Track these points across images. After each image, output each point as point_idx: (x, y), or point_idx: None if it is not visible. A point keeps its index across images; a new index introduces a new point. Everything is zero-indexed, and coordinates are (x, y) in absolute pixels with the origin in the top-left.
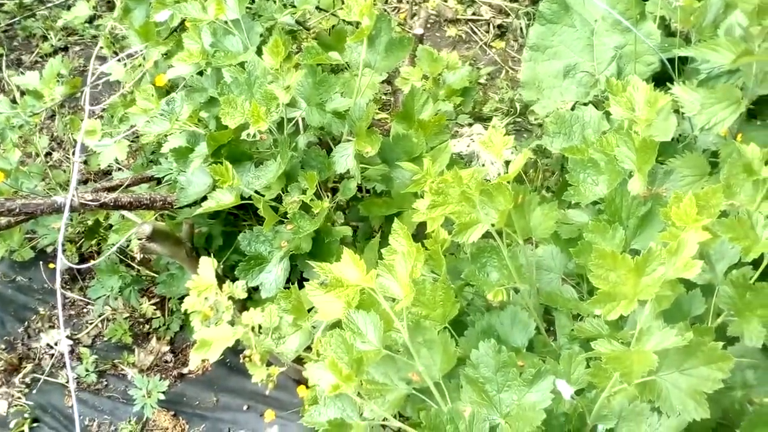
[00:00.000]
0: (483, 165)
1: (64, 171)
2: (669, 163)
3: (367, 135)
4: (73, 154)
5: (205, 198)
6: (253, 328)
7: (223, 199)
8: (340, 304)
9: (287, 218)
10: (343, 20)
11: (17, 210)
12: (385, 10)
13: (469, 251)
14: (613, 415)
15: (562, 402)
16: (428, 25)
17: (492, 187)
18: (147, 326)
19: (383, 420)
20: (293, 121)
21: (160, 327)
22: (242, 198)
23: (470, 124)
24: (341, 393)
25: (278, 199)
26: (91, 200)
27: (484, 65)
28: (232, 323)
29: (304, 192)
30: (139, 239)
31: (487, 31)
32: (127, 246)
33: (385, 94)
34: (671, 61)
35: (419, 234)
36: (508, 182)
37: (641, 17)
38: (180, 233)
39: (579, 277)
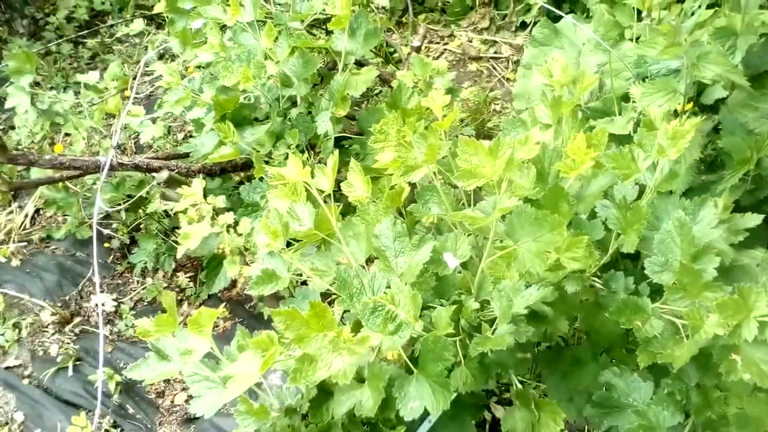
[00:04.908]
0: None
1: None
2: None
3: (341, 101)
4: (120, 129)
5: None
6: (228, 229)
7: (224, 152)
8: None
9: None
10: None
11: (67, 164)
12: (390, 29)
13: (416, 191)
14: (496, 291)
15: (450, 271)
16: (453, 63)
17: (427, 129)
18: (181, 294)
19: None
20: (287, 97)
21: (192, 295)
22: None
23: (477, 138)
24: (273, 252)
25: (271, 156)
26: (127, 161)
27: (501, 95)
28: (211, 225)
29: (289, 147)
30: (158, 184)
31: (506, 67)
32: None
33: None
34: (646, 76)
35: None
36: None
37: (620, 38)
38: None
39: None
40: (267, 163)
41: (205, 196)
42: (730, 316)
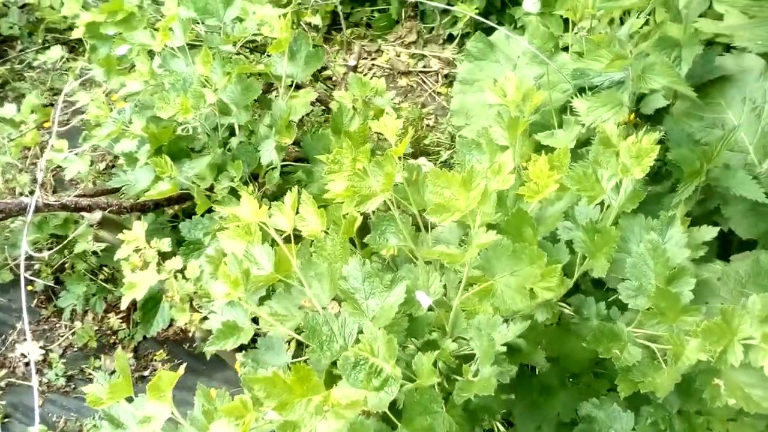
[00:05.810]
0: None
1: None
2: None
3: (285, 129)
4: (43, 166)
5: None
6: (176, 276)
7: (162, 188)
8: (243, 245)
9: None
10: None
11: None
12: (324, 45)
13: (372, 220)
14: (472, 327)
15: (423, 310)
16: (382, 78)
17: (382, 157)
18: (114, 337)
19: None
20: (226, 126)
21: (125, 337)
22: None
23: (414, 156)
24: (234, 302)
25: (212, 190)
26: (54, 201)
27: (433, 110)
28: (158, 271)
29: (232, 180)
30: (90, 226)
31: (436, 81)
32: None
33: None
34: (583, 88)
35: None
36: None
37: (555, 50)
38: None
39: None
40: (209, 197)
41: (147, 241)
42: (715, 341)
